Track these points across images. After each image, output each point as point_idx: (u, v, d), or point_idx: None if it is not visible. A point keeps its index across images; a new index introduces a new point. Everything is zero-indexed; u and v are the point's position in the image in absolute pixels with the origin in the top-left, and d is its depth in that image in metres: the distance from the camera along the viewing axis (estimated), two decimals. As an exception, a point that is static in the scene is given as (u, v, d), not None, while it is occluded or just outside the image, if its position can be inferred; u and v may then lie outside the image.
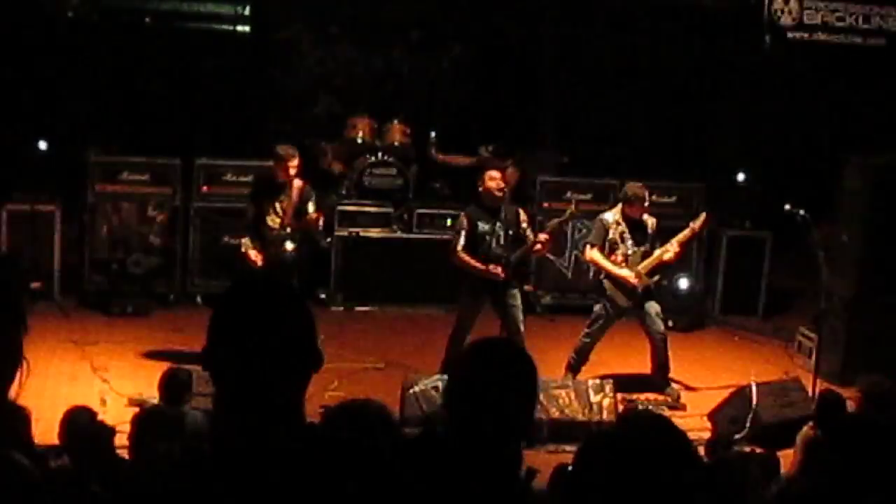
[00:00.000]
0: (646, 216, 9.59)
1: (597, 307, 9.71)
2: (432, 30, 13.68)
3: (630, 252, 9.51)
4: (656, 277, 9.68)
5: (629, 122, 13.64)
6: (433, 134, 12.68)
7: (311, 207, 9.41)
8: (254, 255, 9.27)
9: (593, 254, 9.60)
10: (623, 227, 9.51)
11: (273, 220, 9.38)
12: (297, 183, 9.43)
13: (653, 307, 9.62)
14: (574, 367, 9.60)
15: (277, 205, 9.38)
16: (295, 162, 9.37)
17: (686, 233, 9.56)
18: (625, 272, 9.44)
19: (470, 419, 2.76)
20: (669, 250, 9.47)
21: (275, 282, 2.69)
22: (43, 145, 11.29)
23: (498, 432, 2.75)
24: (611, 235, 9.52)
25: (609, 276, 9.52)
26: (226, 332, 2.45)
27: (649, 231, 9.58)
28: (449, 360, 9.27)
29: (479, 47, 13.73)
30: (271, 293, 2.54)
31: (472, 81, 13.66)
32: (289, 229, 9.39)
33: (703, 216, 9.71)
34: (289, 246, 9.41)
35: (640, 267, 9.47)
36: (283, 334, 2.46)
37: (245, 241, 9.36)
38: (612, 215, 9.61)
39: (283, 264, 9.38)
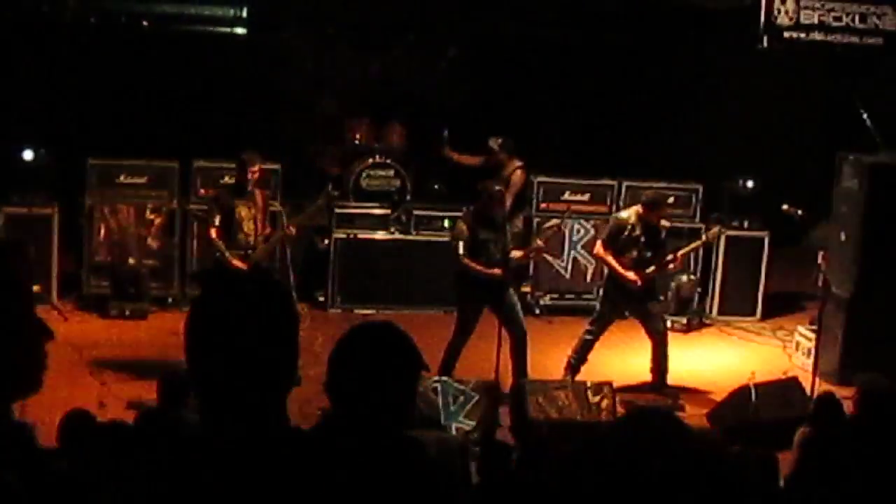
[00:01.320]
0: (662, 221, 9.63)
1: (599, 305, 9.73)
2: (429, 31, 13.67)
3: (638, 255, 9.50)
4: (657, 281, 9.74)
5: (626, 123, 13.63)
6: (446, 132, 12.65)
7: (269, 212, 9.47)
8: (239, 263, 9.20)
9: (602, 250, 9.64)
10: (638, 230, 9.50)
11: (249, 228, 9.33)
12: (258, 191, 9.44)
13: (655, 307, 9.66)
14: (574, 366, 9.60)
15: (250, 212, 9.35)
16: (256, 168, 9.34)
17: (696, 244, 9.64)
18: (630, 274, 9.44)
19: (350, 400, 2.76)
20: (674, 261, 9.57)
21: (252, 283, 2.67)
22: (28, 155, 11.29)
23: (377, 412, 2.75)
24: (624, 235, 9.53)
25: (614, 274, 9.54)
26: (201, 333, 2.44)
27: (662, 236, 9.61)
28: (445, 363, 9.28)
29: (476, 48, 13.72)
30: (249, 294, 2.52)
31: (469, 83, 13.66)
32: (261, 238, 9.36)
33: (714, 229, 9.79)
34: (264, 261, 9.38)
35: (648, 271, 9.48)
36: (259, 334, 2.45)
37: (224, 251, 9.22)
38: (627, 215, 9.64)
39: (269, 270, 9.37)
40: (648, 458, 2.39)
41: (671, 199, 12.01)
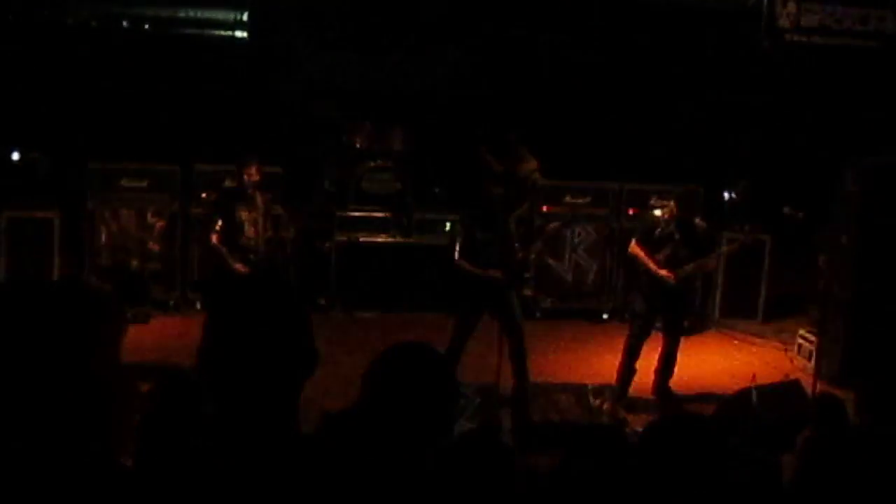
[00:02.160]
0: (697, 220, 9.60)
1: (636, 306, 9.68)
2: (430, 34, 13.69)
3: (673, 253, 9.46)
4: (699, 278, 9.73)
5: (627, 125, 13.64)
6: (483, 141, 12.69)
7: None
8: (241, 267, 9.21)
9: (635, 248, 9.58)
10: (672, 227, 9.47)
11: (251, 231, 9.35)
12: (259, 194, 9.45)
13: (680, 315, 9.68)
14: (626, 370, 9.51)
15: (251, 215, 9.37)
16: (252, 170, 9.38)
17: (735, 245, 9.63)
18: (662, 272, 9.40)
19: (383, 419, 2.74)
20: (713, 260, 9.54)
21: (268, 283, 2.68)
22: (16, 156, 11.30)
23: (410, 432, 2.73)
24: (657, 233, 9.49)
25: (647, 272, 9.50)
26: (220, 333, 2.45)
27: (699, 236, 9.57)
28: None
29: (477, 51, 13.74)
30: (264, 294, 2.53)
31: (470, 86, 13.67)
32: (263, 241, 9.37)
33: (749, 230, 9.77)
34: (266, 253, 9.38)
35: (680, 271, 9.44)
36: (275, 334, 2.45)
37: (226, 256, 9.24)
38: (661, 212, 9.62)
39: (272, 271, 9.38)
40: (682, 463, 2.39)
41: (671, 201, 12.00)
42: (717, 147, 13.69)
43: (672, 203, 9.63)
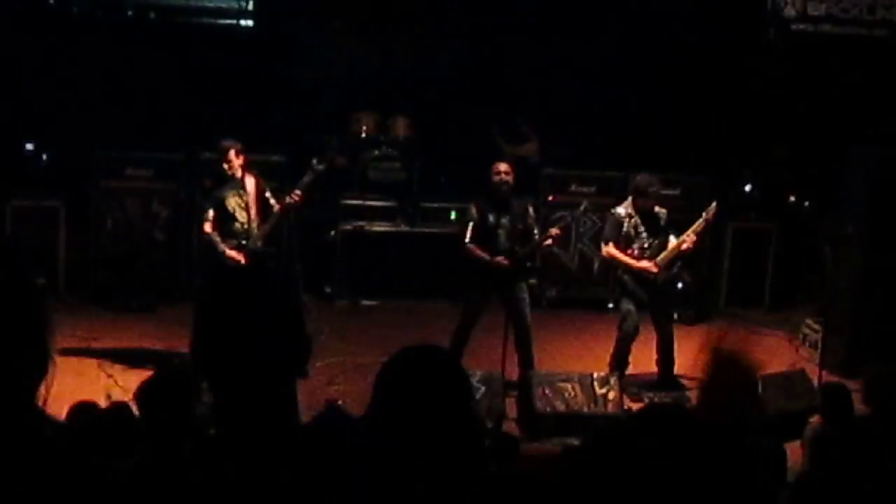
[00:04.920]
0: (657, 207, 9.55)
1: (622, 306, 9.61)
2: (436, 23, 13.65)
3: (646, 244, 9.45)
4: (677, 265, 9.64)
5: (632, 114, 13.60)
6: (497, 128, 12.70)
7: (269, 196, 9.31)
8: (235, 254, 9.08)
9: (610, 249, 9.52)
10: (636, 219, 9.43)
11: (242, 216, 9.23)
12: (249, 177, 9.37)
13: (668, 305, 9.66)
14: (618, 368, 9.42)
15: (241, 200, 9.27)
16: (231, 154, 9.18)
17: (700, 223, 9.55)
18: (644, 263, 9.37)
19: (396, 424, 2.69)
20: (686, 241, 9.41)
21: (255, 275, 2.69)
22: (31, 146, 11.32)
23: (422, 441, 2.69)
24: (625, 229, 9.45)
25: (629, 270, 9.46)
26: (211, 328, 2.46)
27: (662, 222, 9.54)
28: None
29: (482, 39, 13.70)
30: (255, 285, 2.54)
31: (475, 74, 13.64)
32: (256, 224, 9.24)
33: (713, 205, 9.68)
34: (259, 242, 9.23)
35: (658, 259, 9.42)
36: (264, 324, 2.46)
37: (218, 244, 9.10)
38: (624, 209, 9.56)
39: (265, 257, 9.30)
40: (659, 454, 2.39)
41: (677, 191, 12.00)
42: (722, 137, 13.65)
43: (630, 198, 9.57)
